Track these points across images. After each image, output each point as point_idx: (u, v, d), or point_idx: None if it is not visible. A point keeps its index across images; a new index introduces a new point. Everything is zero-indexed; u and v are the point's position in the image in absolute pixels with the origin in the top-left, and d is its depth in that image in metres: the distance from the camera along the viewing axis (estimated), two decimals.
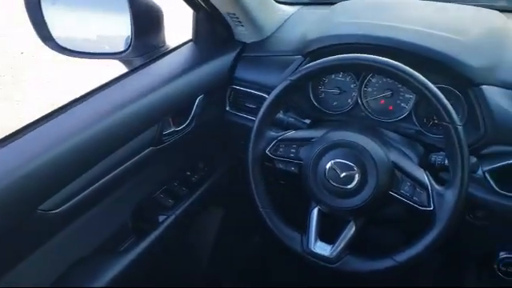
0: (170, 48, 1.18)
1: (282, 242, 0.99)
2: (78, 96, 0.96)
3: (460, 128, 0.85)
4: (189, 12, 1.20)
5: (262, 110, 1.00)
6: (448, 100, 0.89)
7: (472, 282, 1.28)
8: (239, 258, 1.58)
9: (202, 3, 1.11)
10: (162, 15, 1.14)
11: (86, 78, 3.03)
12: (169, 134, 1.09)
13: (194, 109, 1.14)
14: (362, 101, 1.12)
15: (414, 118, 1.07)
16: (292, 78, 0.97)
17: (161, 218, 1.16)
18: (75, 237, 0.98)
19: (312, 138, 1.00)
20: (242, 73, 1.22)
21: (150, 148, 1.04)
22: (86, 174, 0.91)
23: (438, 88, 0.88)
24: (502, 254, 1.05)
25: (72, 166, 0.87)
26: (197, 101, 1.14)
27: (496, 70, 0.99)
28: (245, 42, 1.24)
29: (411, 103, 1.08)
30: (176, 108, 1.10)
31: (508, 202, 0.96)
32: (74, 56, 1.13)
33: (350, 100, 1.14)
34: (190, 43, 1.22)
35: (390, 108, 1.11)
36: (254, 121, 1.02)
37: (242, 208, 1.21)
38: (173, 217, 1.17)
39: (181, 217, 1.19)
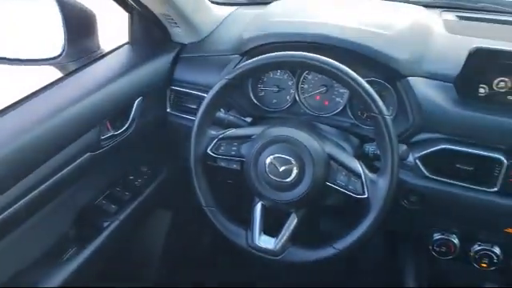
0: (106, 51, 1.17)
1: (228, 239, 1.01)
2: (9, 103, 0.93)
3: (388, 118, 0.90)
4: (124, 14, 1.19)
5: (201, 109, 1.01)
6: (379, 92, 0.93)
7: (410, 263, 1.34)
8: (190, 259, 1.58)
9: (134, 4, 1.10)
10: (95, 19, 1.12)
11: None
12: (107, 139, 1.07)
13: (133, 112, 1.13)
14: (299, 97, 1.16)
15: (348, 111, 1.12)
16: (228, 76, 0.99)
17: (104, 224, 1.14)
18: (12, 249, 0.94)
19: (252, 135, 1.01)
20: (181, 74, 1.22)
21: (88, 154, 1.02)
22: (20, 183, 0.88)
23: (368, 81, 0.92)
24: (436, 236, 1.10)
25: (5, 175, 0.84)
26: (135, 103, 1.13)
27: (421, 62, 1.04)
28: (183, 43, 1.24)
29: (345, 98, 1.12)
30: (113, 112, 1.08)
31: (438, 185, 1.02)
32: (3, 63, 1.08)
33: (288, 97, 1.17)
34: (126, 46, 1.21)
35: (326, 103, 1.15)
36: (194, 121, 1.02)
37: (189, 209, 1.21)
38: (116, 222, 1.15)
39: (125, 222, 1.17)
